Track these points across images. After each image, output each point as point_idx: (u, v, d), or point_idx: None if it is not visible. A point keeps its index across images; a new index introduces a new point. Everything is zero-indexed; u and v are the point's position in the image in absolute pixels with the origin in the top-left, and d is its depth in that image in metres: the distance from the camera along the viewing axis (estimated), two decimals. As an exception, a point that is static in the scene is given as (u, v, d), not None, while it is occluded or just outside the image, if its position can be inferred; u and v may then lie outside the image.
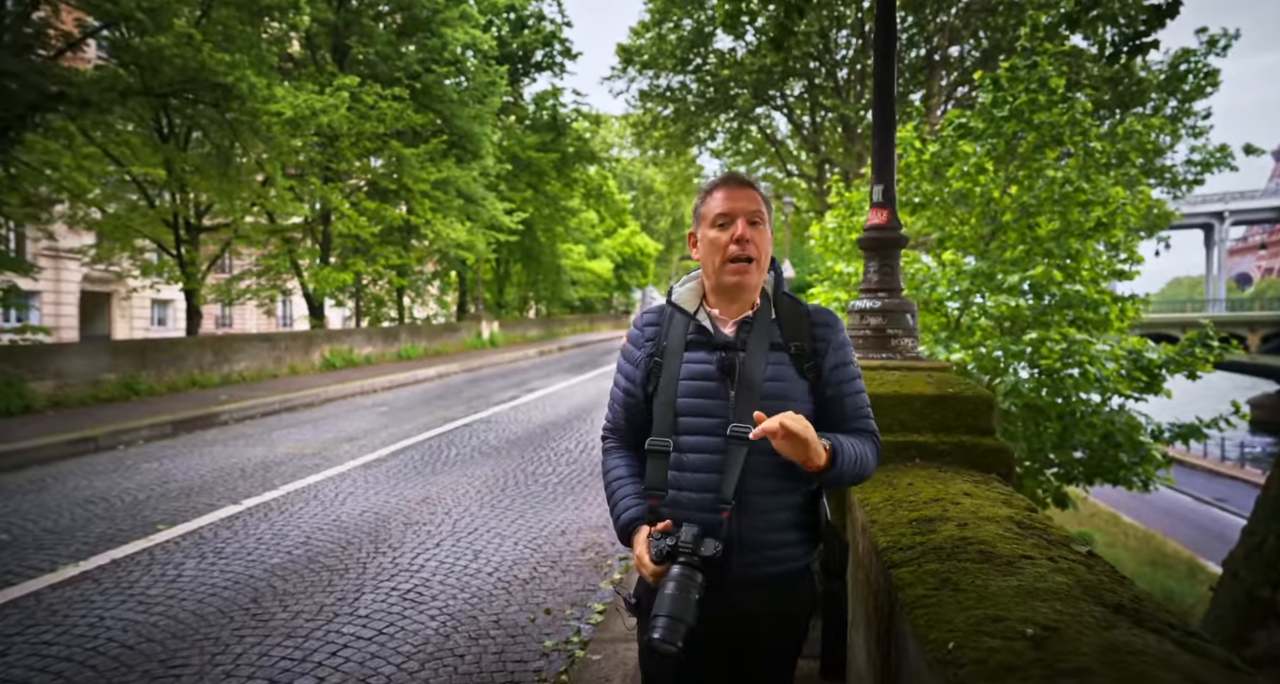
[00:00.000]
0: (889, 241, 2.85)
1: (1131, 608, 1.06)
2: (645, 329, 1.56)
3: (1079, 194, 8.48)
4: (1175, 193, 18.48)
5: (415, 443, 7.72)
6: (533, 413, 9.84)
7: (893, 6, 2.86)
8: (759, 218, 1.46)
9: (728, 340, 1.46)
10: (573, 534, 4.82)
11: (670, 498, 1.45)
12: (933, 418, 2.21)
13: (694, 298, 1.53)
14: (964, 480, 1.88)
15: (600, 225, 36.74)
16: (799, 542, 1.45)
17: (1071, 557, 1.30)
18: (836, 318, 1.51)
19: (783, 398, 1.41)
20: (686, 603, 1.26)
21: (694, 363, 1.46)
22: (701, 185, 1.57)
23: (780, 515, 1.43)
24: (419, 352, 18.66)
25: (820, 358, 1.46)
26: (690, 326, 1.49)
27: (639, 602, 1.50)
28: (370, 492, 5.75)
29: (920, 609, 1.14)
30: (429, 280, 23.98)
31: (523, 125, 25.85)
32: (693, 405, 1.43)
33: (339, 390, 11.73)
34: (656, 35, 25.43)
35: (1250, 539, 4.43)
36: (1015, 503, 1.65)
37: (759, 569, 1.41)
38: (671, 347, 1.48)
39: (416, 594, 3.77)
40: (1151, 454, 7.33)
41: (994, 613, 1.05)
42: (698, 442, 1.42)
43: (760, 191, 1.49)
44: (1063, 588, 1.13)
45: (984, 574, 1.22)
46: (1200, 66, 18.40)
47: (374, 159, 17.97)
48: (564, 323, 32.16)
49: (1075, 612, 1.04)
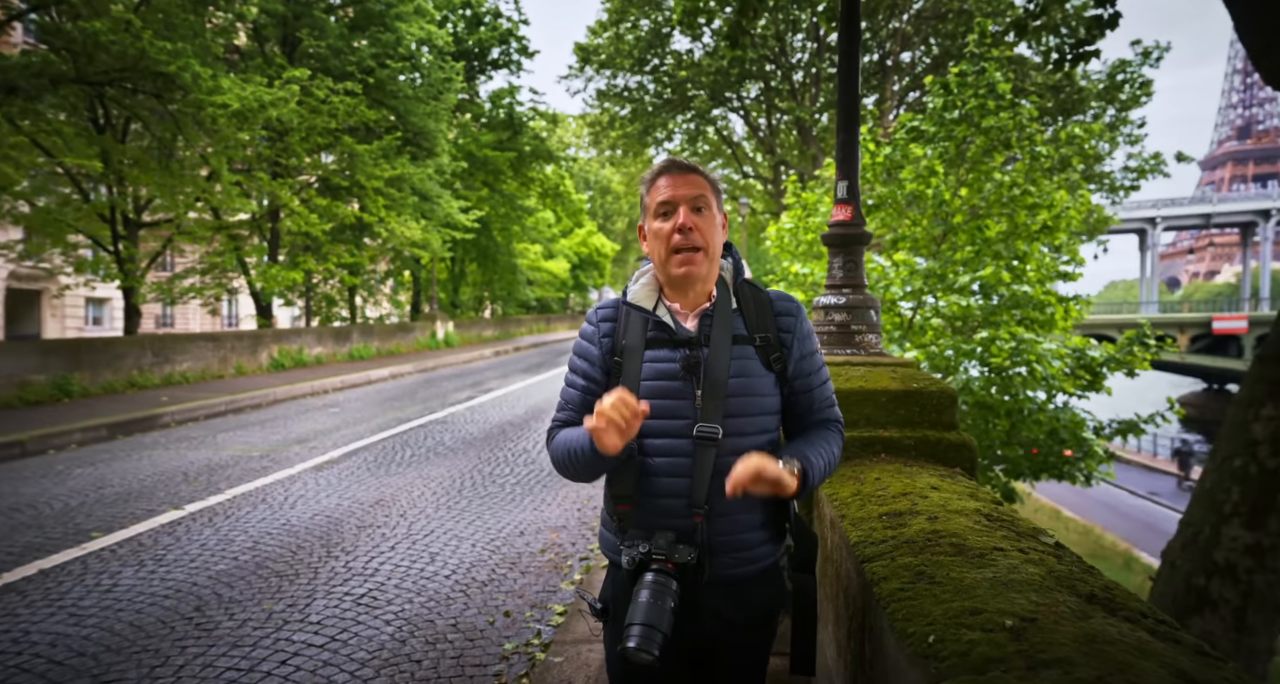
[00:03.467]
0: (853, 238, 2.87)
1: (1104, 597, 1.07)
2: (601, 325, 1.47)
3: (1026, 197, 8.73)
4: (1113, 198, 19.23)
5: (369, 444, 7.53)
6: (489, 413, 9.70)
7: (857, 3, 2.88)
8: (703, 203, 1.38)
9: (690, 336, 1.39)
10: (531, 535, 4.75)
11: (639, 504, 1.38)
12: (898, 413, 2.22)
13: (650, 294, 1.45)
14: (930, 475, 1.89)
15: (557, 225, 36.51)
16: (769, 540, 1.41)
17: (1041, 548, 1.30)
18: (799, 305, 1.46)
19: (750, 393, 1.37)
20: (661, 611, 1.22)
21: (656, 361, 1.38)
22: (644, 175, 1.48)
23: (751, 516, 1.38)
24: (372, 352, 18.27)
25: (787, 348, 1.41)
26: (649, 323, 1.42)
27: (605, 607, 1.45)
28: (322, 494, 5.58)
29: (897, 603, 1.12)
30: (382, 280, 23.50)
31: (479, 123, 25.54)
32: (657, 406, 1.35)
33: (288, 391, 11.39)
34: (614, 35, 25.40)
35: (1187, 531, 4.62)
36: (981, 496, 1.66)
37: (732, 571, 1.37)
38: (631, 344, 1.41)
39: (371, 599, 3.66)
40: (1094, 450, 7.59)
41: (971, 605, 1.05)
42: (664, 445, 1.36)
43: (705, 176, 1.41)
44: (1036, 579, 1.13)
45: (958, 567, 1.21)
46: (1136, 77, 19.21)
47: (325, 155, 17.53)
48: (520, 323, 31.86)
49: (1050, 602, 1.04)
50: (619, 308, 1.48)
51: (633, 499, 1.38)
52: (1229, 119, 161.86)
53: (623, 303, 1.48)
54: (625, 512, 1.39)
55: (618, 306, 1.49)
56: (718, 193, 1.43)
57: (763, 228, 29.31)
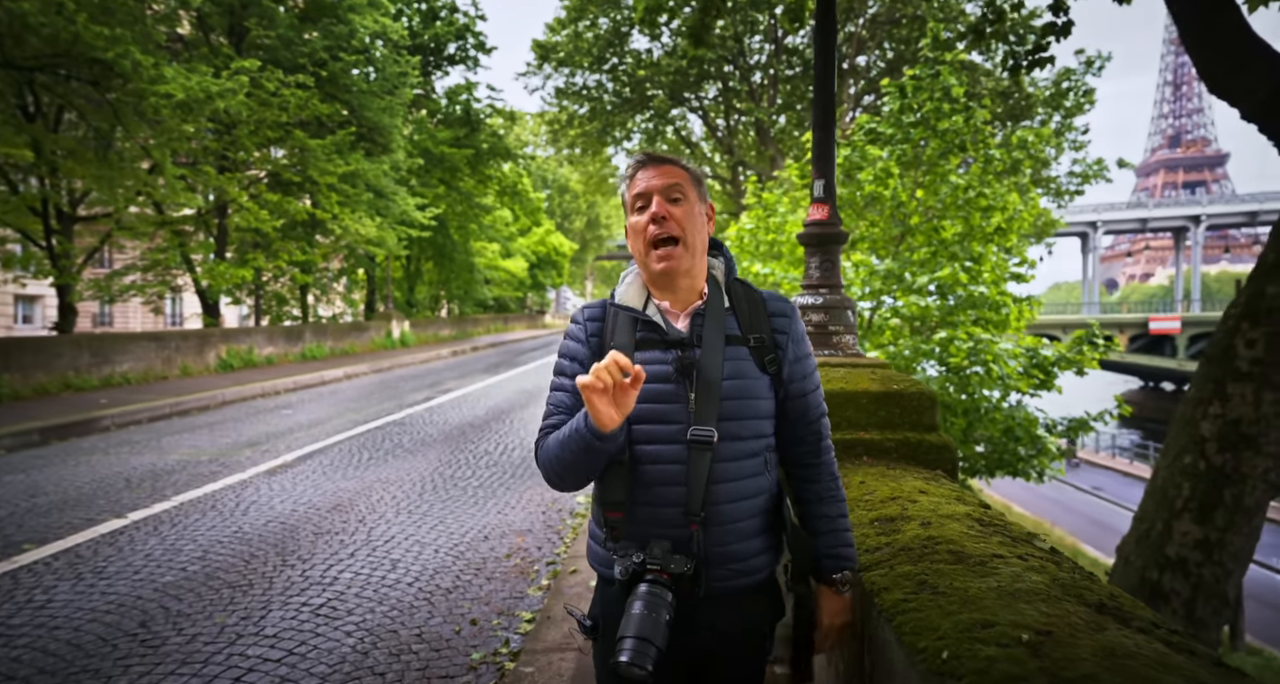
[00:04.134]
0: (830, 237, 2.86)
1: (1113, 607, 1.04)
2: (589, 324, 1.41)
3: (980, 199, 8.92)
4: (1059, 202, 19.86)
5: (324, 447, 7.30)
6: (449, 414, 9.51)
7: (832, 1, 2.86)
8: (679, 193, 1.32)
9: (682, 336, 1.33)
10: (496, 539, 4.65)
11: (631, 513, 1.32)
12: (878, 415, 2.21)
13: (639, 293, 1.39)
14: (914, 478, 1.87)
15: (515, 224, 36.14)
16: (766, 549, 1.36)
17: (1038, 554, 1.28)
18: (793, 305, 1.41)
19: (745, 396, 1.31)
20: (656, 624, 1.16)
21: (647, 363, 1.31)
22: (623, 171, 1.42)
23: (747, 523, 1.33)
24: (325, 352, 17.80)
25: (781, 350, 1.36)
26: (639, 323, 1.35)
27: (595, 623, 1.38)
28: (276, 500, 5.38)
29: (903, 615, 1.09)
30: (335, 278, 22.93)
31: (435, 119, 25.10)
32: (650, 411, 1.29)
33: (238, 393, 11.00)
34: (573, 32, 25.25)
35: (1140, 526, 4.75)
36: (968, 499, 1.64)
37: (728, 583, 1.31)
38: (620, 346, 1.34)
39: (330, 609, 3.52)
40: (1047, 447, 7.79)
41: (982, 617, 1.01)
42: (657, 451, 1.30)
43: (682, 166, 1.35)
44: (1041, 588, 1.11)
45: (960, 575, 1.18)
46: (1079, 85, 19.87)
47: (276, 149, 16.99)
48: (478, 322, 31.45)
49: (1061, 613, 1.01)
50: (606, 308, 1.42)
51: (624, 507, 1.32)
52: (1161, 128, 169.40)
53: (610, 304, 1.41)
54: (617, 520, 1.32)
55: (605, 306, 1.42)
56: (698, 183, 1.37)
57: (721, 228, 29.49)
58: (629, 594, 1.23)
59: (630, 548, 1.27)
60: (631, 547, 1.28)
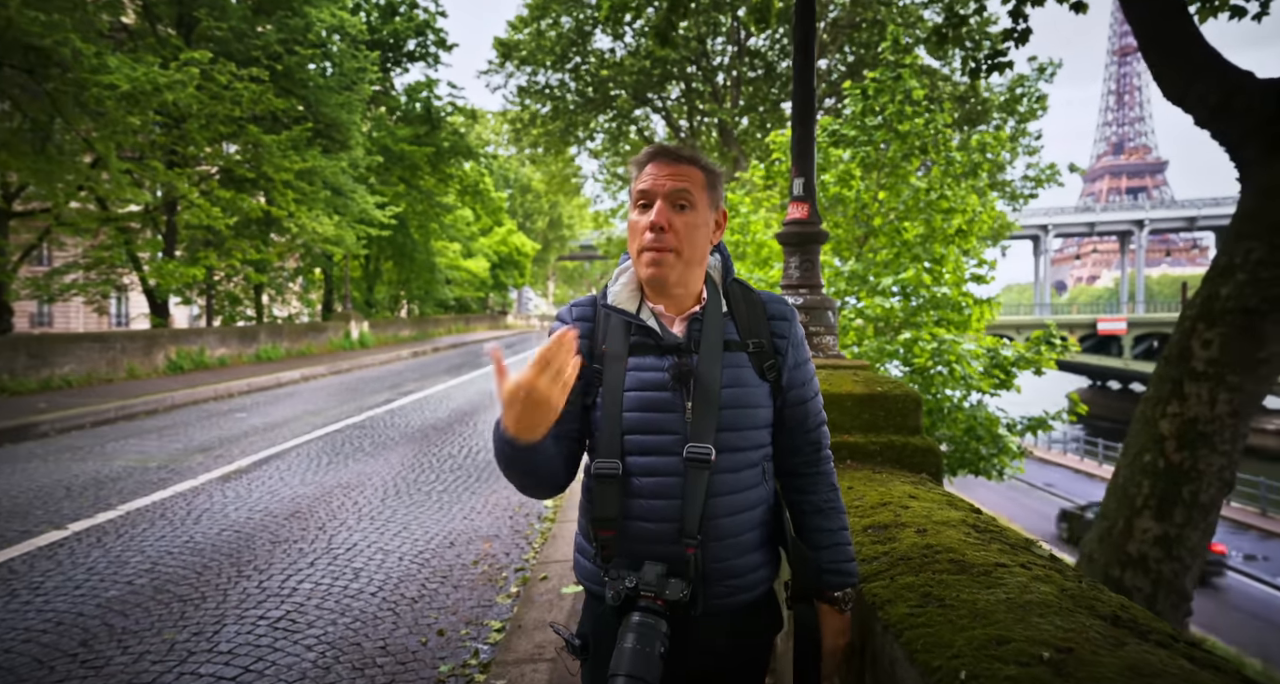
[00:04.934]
0: (810, 236, 2.82)
1: (1128, 619, 1.01)
2: (578, 324, 1.30)
3: (942, 201, 9.05)
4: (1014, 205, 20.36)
5: (281, 451, 7.06)
6: (411, 417, 9.30)
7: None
8: (687, 200, 1.21)
9: (678, 342, 1.24)
10: (462, 546, 4.52)
11: (623, 529, 1.23)
12: (862, 418, 2.17)
13: (633, 295, 1.29)
14: (902, 482, 1.84)
15: (476, 223, 35.72)
16: (764, 564, 1.29)
17: (1040, 562, 1.25)
18: (792, 308, 1.35)
19: (744, 405, 1.24)
20: (649, 659, 1.08)
21: (642, 370, 1.23)
22: (633, 159, 1.31)
23: (746, 537, 1.25)
24: (281, 353, 17.31)
25: (781, 356, 1.29)
26: (633, 328, 1.27)
27: (584, 643, 1.30)
28: (230, 507, 5.16)
29: (912, 630, 1.03)
30: (291, 277, 22.34)
31: (394, 117, 24.65)
32: (643, 421, 1.22)
33: (189, 395, 10.60)
34: (535, 31, 25.03)
35: (1102, 524, 4.84)
36: (960, 504, 1.61)
37: (726, 600, 1.24)
38: (613, 350, 1.25)
39: (289, 622, 3.36)
40: (1008, 446, 7.94)
41: (996, 632, 0.97)
42: (651, 463, 1.21)
43: (700, 165, 1.25)
44: (1052, 599, 1.07)
45: (966, 587, 1.14)
46: (1033, 91, 20.40)
47: (229, 144, 16.47)
48: (439, 323, 30.98)
49: (1077, 627, 0.97)
50: (596, 308, 1.32)
51: (616, 524, 1.23)
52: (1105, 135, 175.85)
53: (601, 304, 1.32)
54: (608, 538, 1.24)
55: (594, 305, 1.33)
56: (713, 187, 1.27)
57: (685, 229, 29.47)
58: (620, 621, 1.15)
59: (623, 570, 1.19)
60: (623, 569, 1.20)
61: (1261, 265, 4.45)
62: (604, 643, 1.19)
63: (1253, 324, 4.41)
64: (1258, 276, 4.42)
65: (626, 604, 1.15)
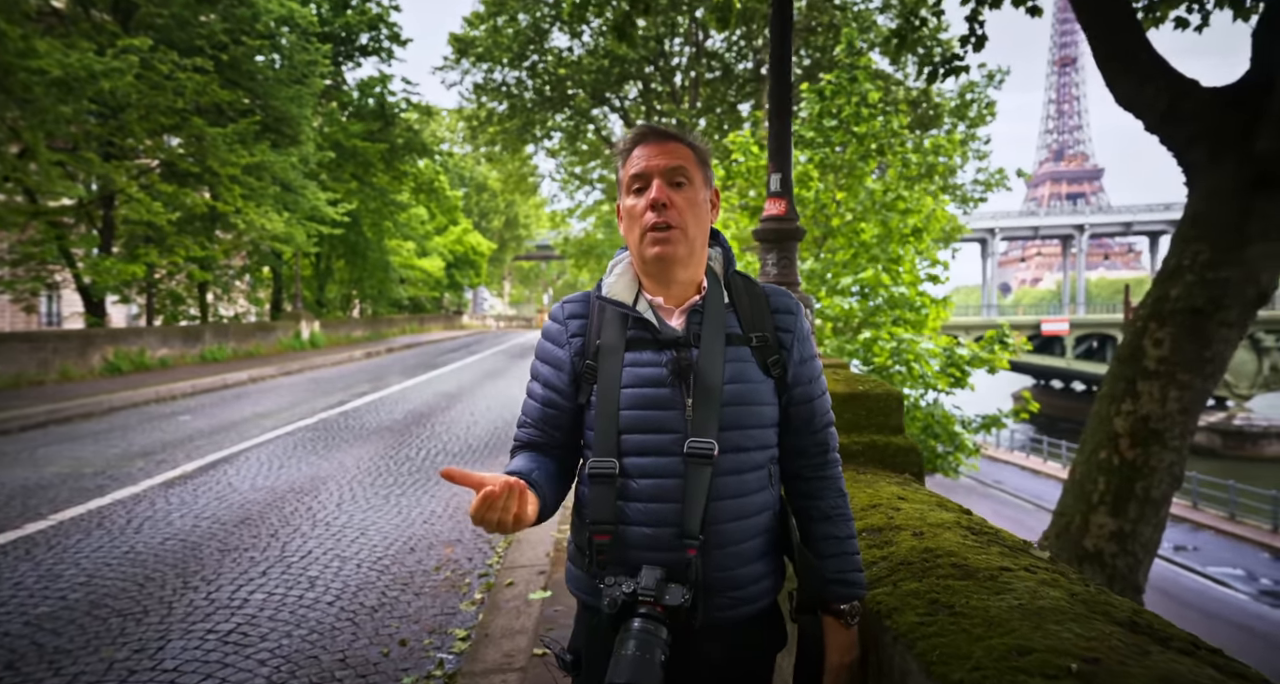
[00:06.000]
0: (787, 233, 2.78)
1: (1145, 625, 0.98)
2: (569, 322, 1.25)
3: (899, 202, 9.20)
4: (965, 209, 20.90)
5: (228, 455, 6.77)
6: (365, 418, 9.04)
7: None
8: (683, 176, 1.18)
9: (677, 335, 1.19)
10: (423, 551, 4.38)
11: (619, 534, 1.16)
12: (844, 417, 2.14)
13: (629, 286, 1.24)
14: (887, 482, 1.81)
15: (431, 222, 35.12)
16: (768, 574, 1.23)
17: (1043, 565, 1.22)
18: (797, 302, 1.29)
19: (748, 402, 1.17)
20: (650, 667, 1.01)
21: (639, 366, 1.18)
22: (619, 146, 1.27)
23: (749, 545, 1.19)
24: (227, 353, 16.72)
25: (786, 350, 1.22)
26: (629, 321, 1.21)
27: (576, 658, 1.22)
28: (174, 515, 4.92)
29: (925, 640, 0.99)
30: (238, 275, 21.61)
31: (346, 112, 24.05)
32: (641, 418, 1.16)
33: (128, 398, 10.13)
34: (492, 27, 24.74)
35: (1060, 520, 4.94)
36: (949, 505, 1.58)
37: (728, 612, 1.17)
38: (608, 344, 1.19)
39: (241, 635, 3.20)
40: (964, 443, 8.10)
41: (1015, 642, 0.92)
42: (649, 464, 1.15)
43: (689, 143, 1.21)
44: (1064, 605, 1.03)
45: (974, 592, 1.09)
46: (982, 97, 20.97)
47: (171, 137, 15.83)
48: (393, 323, 30.36)
49: (1098, 635, 0.93)
50: (590, 302, 1.26)
51: (613, 528, 1.16)
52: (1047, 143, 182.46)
53: (596, 297, 1.25)
54: (604, 542, 1.16)
55: (588, 301, 1.26)
56: (704, 165, 1.23)
57: (643, 229, 29.48)
58: (618, 630, 1.07)
59: (619, 575, 1.12)
60: (620, 574, 1.12)
61: (1208, 267, 4.60)
62: (598, 658, 1.11)
63: (1200, 324, 4.56)
64: (1204, 278, 4.57)
65: (624, 611, 1.08)
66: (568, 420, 1.25)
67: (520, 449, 1.28)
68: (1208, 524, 20.22)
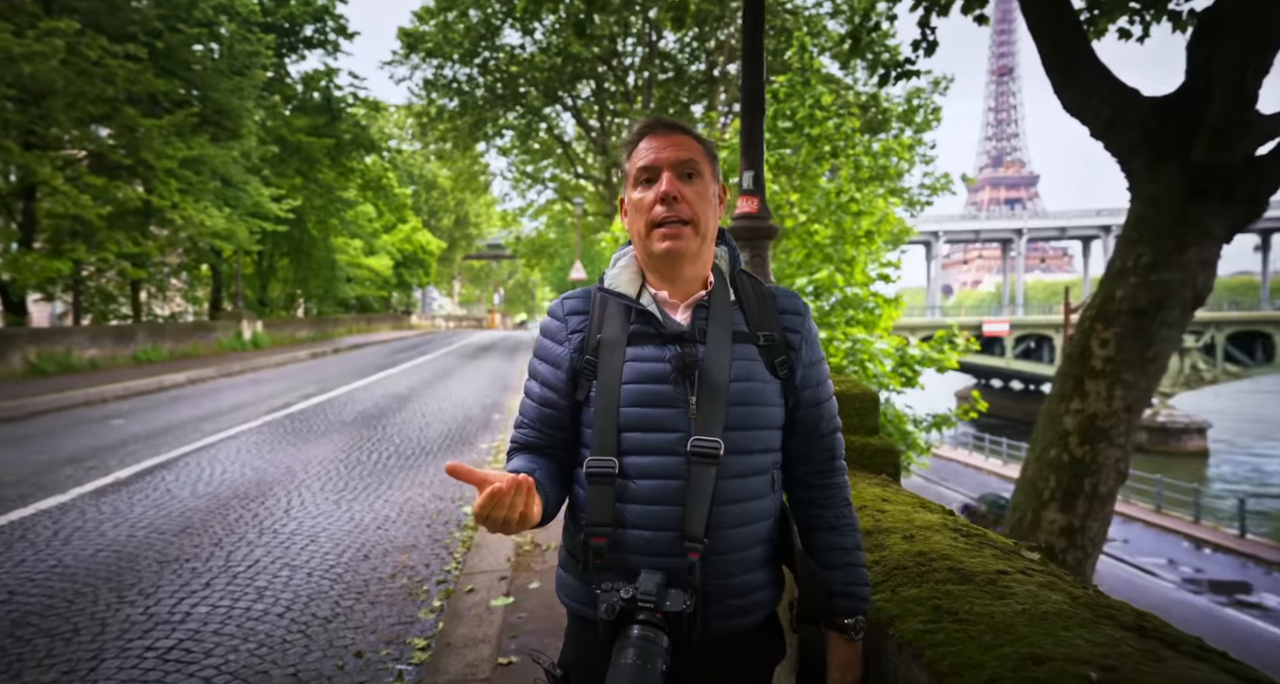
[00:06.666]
0: (760, 231, 2.76)
1: (1152, 629, 0.96)
2: (569, 319, 1.20)
3: (852, 204, 9.34)
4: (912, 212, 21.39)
5: (166, 461, 6.45)
6: (313, 420, 8.74)
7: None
8: (693, 169, 1.14)
9: (682, 330, 1.14)
10: (378, 558, 4.23)
11: (617, 537, 1.11)
12: (821, 416, 2.11)
13: (633, 279, 1.20)
14: (867, 483, 1.79)
15: (379, 220, 34.36)
16: (768, 584, 1.17)
17: (1038, 567, 1.20)
18: (805, 303, 1.26)
19: (755, 402, 1.13)
20: (651, 677, 0.95)
21: (641, 361, 1.13)
22: (626, 138, 1.22)
23: (751, 552, 1.14)
24: (163, 354, 16.01)
25: (794, 351, 1.18)
26: (632, 314, 1.16)
27: (566, 674, 1.16)
28: (107, 525, 4.65)
29: (933, 649, 0.95)
30: (174, 273, 20.74)
31: (290, 106, 23.32)
32: (642, 416, 1.11)
33: (54, 401, 9.59)
34: (442, 22, 24.30)
35: (1014, 516, 5.06)
36: (932, 507, 1.57)
37: (727, 622, 1.12)
38: (609, 339, 1.15)
39: (183, 652, 3.02)
40: (915, 442, 8.25)
41: (1028, 650, 0.89)
42: (651, 463, 1.10)
43: (696, 137, 1.18)
44: (1068, 609, 1.01)
45: (977, 598, 1.07)
46: (928, 103, 21.51)
47: (101, 127, 15.08)
48: (339, 323, 29.56)
49: (1108, 641, 0.91)
50: (592, 297, 1.21)
51: (611, 531, 1.10)
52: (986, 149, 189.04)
53: (599, 289, 1.20)
54: (601, 545, 1.10)
55: (589, 296, 1.21)
56: (712, 159, 1.19)
57: (594, 231, 29.44)
58: (615, 638, 1.02)
59: (617, 581, 1.06)
60: (618, 579, 1.06)
61: (1150, 269, 4.77)
62: (592, 674, 1.05)
63: (1143, 325, 4.72)
64: (1147, 280, 4.74)
65: (622, 618, 1.02)
66: (567, 420, 1.19)
67: (518, 450, 1.22)
68: (1137, 517, 21.15)
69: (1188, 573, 17.14)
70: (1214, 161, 4.61)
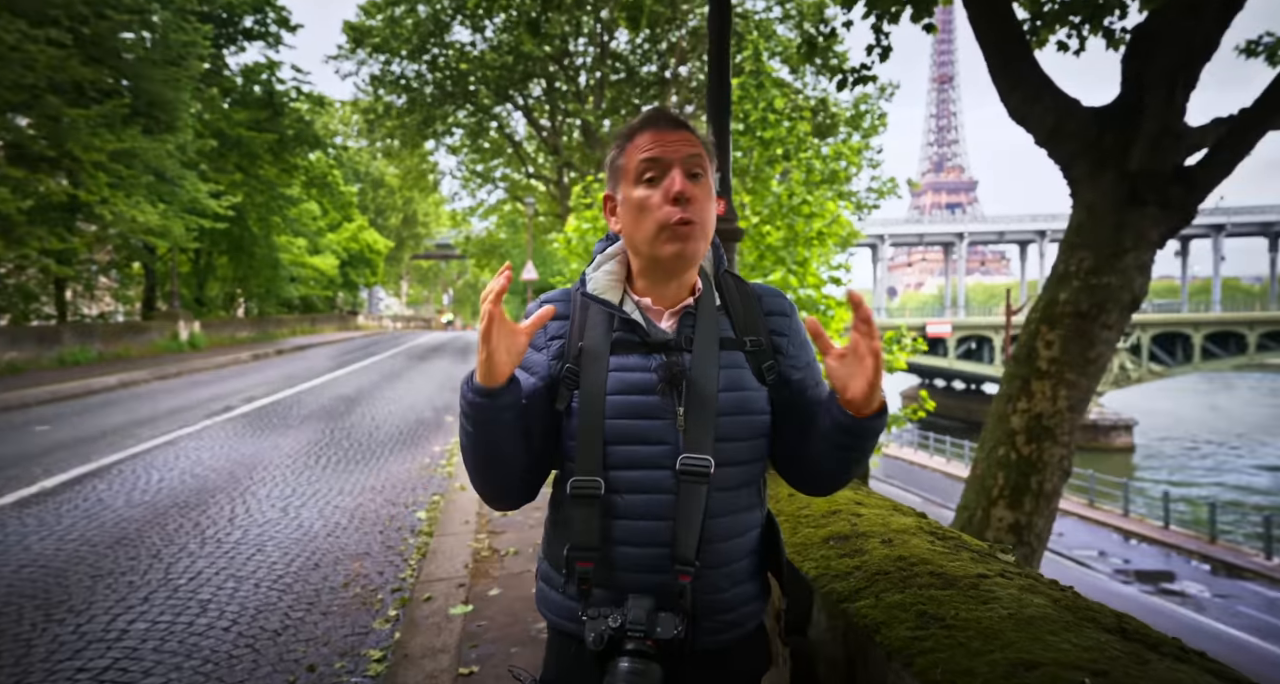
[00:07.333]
0: (727, 233, 2.75)
1: (1133, 631, 0.98)
2: (549, 323, 1.13)
3: (804, 206, 9.49)
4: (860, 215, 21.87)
5: (98, 469, 6.13)
6: (257, 423, 8.43)
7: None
8: (700, 168, 1.08)
9: (667, 338, 1.09)
10: (329, 566, 4.09)
11: (605, 555, 1.06)
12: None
13: (616, 284, 1.14)
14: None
15: (324, 218, 33.43)
16: (757, 595, 1.14)
17: (1016, 570, 1.21)
18: (791, 303, 1.22)
19: (743, 411, 1.09)
20: None
21: (626, 370, 1.08)
22: (619, 130, 1.17)
23: (740, 565, 1.10)
24: (92, 356, 15.25)
25: (781, 355, 1.14)
26: (615, 321, 1.11)
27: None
28: (31, 538, 4.38)
29: (922, 656, 0.94)
30: (103, 271, 19.79)
31: (229, 99, 22.50)
32: (628, 429, 1.06)
33: (-31, 408, 9.04)
34: (389, 17, 23.78)
35: (963, 514, 5.19)
36: (904, 509, 1.58)
37: (718, 637, 1.08)
38: (591, 348, 1.09)
39: (119, 671, 2.86)
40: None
41: (1018, 656, 0.89)
42: (639, 477, 1.05)
43: (698, 133, 1.12)
44: (1051, 613, 1.02)
45: (960, 603, 1.07)
46: (875, 108, 22.04)
47: (20, 117, 14.27)
48: (282, 323, 28.66)
49: (1094, 644, 0.92)
50: (573, 300, 1.14)
51: (597, 552, 1.05)
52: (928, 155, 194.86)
53: (580, 293, 1.14)
54: (587, 570, 1.05)
55: (569, 299, 1.15)
56: (713, 160, 1.14)
57: (545, 230, 29.24)
58: (604, 669, 0.97)
59: (604, 605, 1.02)
60: (606, 604, 1.02)
61: (1091, 273, 4.95)
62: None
63: (1085, 327, 4.90)
64: (1089, 284, 4.92)
65: (611, 647, 0.98)
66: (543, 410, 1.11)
67: None
68: (1072, 511, 22.01)
69: (1117, 564, 17.94)
70: (1149, 170, 4.81)
